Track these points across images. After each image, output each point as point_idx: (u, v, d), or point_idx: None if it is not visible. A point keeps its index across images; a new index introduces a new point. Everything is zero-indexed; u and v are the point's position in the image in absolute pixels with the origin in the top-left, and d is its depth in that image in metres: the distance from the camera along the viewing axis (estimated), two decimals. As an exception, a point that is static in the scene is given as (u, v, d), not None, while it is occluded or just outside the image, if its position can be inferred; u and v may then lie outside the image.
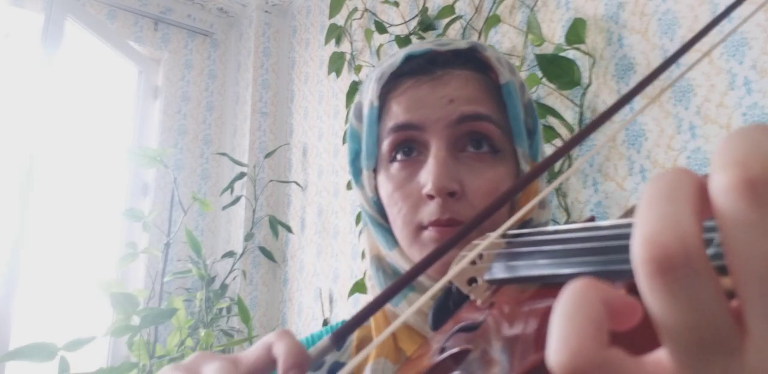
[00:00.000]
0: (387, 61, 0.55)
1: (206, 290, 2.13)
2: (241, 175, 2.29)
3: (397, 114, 0.53)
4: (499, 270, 0.31)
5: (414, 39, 1.85)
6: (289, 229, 2.27)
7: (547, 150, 1.12)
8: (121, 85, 2.49)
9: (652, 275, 0.16)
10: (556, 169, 1.31)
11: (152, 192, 2.39)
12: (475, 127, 0.51)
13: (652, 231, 0.17)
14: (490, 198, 0.49)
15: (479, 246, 0.28)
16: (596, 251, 0.25)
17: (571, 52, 1.38)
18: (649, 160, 1.21)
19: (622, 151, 1.26)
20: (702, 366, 0.17)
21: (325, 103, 2.32)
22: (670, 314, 0.16)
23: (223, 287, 2.19)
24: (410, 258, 0.53)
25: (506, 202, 0.31)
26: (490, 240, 0.28)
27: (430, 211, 0.50)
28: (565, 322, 0.17)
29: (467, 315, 0.33)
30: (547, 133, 1.34)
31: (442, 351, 0.31)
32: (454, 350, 0.30)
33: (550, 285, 0.27)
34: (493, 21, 1.58)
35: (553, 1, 1.48)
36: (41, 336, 1.66)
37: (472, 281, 0.33)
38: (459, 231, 0.29)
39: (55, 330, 1.94)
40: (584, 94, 1.34)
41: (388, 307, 0.55)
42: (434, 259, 0.28)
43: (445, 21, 1.74)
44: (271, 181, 2.43)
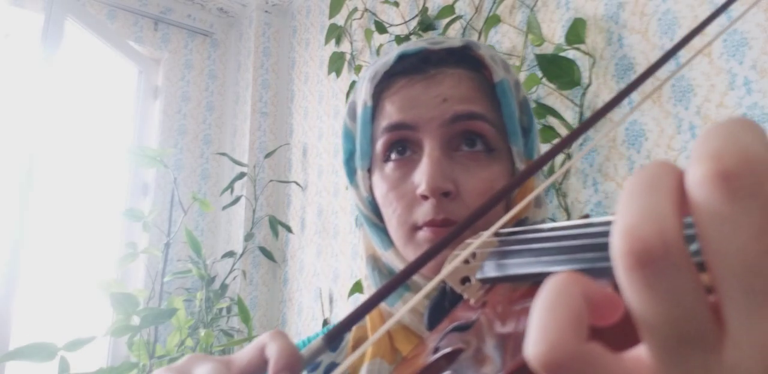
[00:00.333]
0: (380, 60, 0.55)
1: (206, 290, 2.13)
2: (241, 175, 2.29)
3: (391, 113, 0.52)
4: (491, 269, 0.31)
5: (414, 39, 1.84)
6: (289, 229, 2.27)
7: (547, 150, 1.12)
8: (121, 85, 2.49)
9: (631, 268, 0.16)
10: (556, 168, 1.31)
11: (152, 192, 2.39)
12: (469, 126, 0.51)
13: (632, 223, 0.16)
14: (485, 198, 0.49)
15: (472, 245, 0.28)
16: (587, 248, 0.24)
17: (571, 52, 1.37)
18: (649, 160, 1.21)
19: (622, 151, 1.26)
20: (681, 362, 0.16)
21: (325, 103, 2.32)
22: (649, 308, 0.16)
23: (223, 287, 2.19)
24: (405, 259, 0.53)
25: (500, 201, 0.31)
26: (482, 238, 0.28)
27: (425, 212, 0.49)
28: (545, 314, 0.17)
29: (461, 315, 0.33)
30: (547, 133, 1.34)
31: (436, 350, 0.31)
32: (447, 350, 0.29)
33: (542, 284, 0.27)
34: (493, 21, 1.58)
35: (553, 1, 1.48)
36: (41, 336, 1.66)
37: (465, 280, 0.33)
38: (453, 231, 0.29)
39: (55, 330, 1.94)
40: (584, 94, 1.33)
41: (385, 308, 0.55)
42: (428, 259, 0.28)
43: (445, 21, 1.74)
44: (271, 181, 2.43)
